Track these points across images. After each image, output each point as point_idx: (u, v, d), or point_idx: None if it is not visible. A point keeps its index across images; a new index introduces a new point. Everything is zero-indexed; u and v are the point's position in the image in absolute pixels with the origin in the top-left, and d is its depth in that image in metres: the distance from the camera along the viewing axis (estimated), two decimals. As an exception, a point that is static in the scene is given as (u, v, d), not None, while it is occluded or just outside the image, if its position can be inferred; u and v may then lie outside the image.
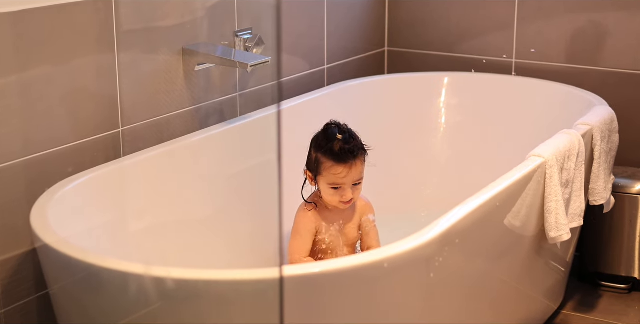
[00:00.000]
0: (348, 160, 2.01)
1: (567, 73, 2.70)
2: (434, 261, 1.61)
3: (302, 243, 2.06)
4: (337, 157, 2.01)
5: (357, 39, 2.84)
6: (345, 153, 2.00)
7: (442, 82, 2.73)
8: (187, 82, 2.22)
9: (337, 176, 2.01)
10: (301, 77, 2.63)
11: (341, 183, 2.01)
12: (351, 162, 2.01)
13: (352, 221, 2.13)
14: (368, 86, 2.70)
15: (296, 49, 2.61)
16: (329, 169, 2.02)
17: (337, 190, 2.03)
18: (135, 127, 2.12)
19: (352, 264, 1.46)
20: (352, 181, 2.02)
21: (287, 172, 2.16)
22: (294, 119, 2.39)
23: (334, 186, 2.02)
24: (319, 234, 2.08)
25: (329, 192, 2.04)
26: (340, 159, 2.00)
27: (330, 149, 2.01)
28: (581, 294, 2.61)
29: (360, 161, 2.04)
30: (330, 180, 2.02)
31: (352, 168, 2.01)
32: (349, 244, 2.14)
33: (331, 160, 2.02)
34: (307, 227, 2.07)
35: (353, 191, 2.04)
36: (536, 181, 2.00)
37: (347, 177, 2.01)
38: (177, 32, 2.17)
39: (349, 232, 2.13)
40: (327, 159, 2.02)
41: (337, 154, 2.00)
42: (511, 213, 1.95)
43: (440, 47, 2.86)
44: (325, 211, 2.09)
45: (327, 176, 2.03)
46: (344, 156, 2.00)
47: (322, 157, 2.03)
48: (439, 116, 2.73)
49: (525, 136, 2.60)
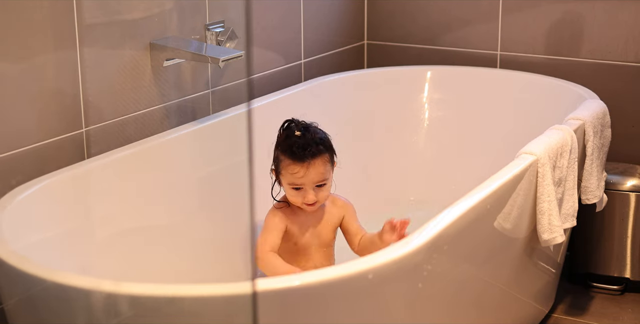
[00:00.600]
0: (304, 159, 1.91)
1: (555, 65, 2.66)
2: (422, 270, 1.50)
3: (268, 237, 1.97)
4: (293, 155, 1.92)
5: (335, 32, 2.77)
6: (301, 151, 1.91)
7: (425, 76, 2.68)
8: (155, 79, 2.13)
9: (294, 175, 1.93)
10: (276, 73, 2.55)
11: (300, 183, 1.93)
12: (309, 161, 1.92)
13: (327, 220, 2.04)
14: (347, 80, 2.64)
15: (270, 42, 2.52)
16: (286, 167, 1.94)
17: (299, 191, 1.94)
18: (100, 128, 2.01)
19: (333, 276, 1.35)
20: (311, 182, 1.93)
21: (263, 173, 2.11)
22: (269, 116, 2.28)
23: (294, 186, 1.94)
24: (290, 236, 2.00)
25: (290, 193, 1.96)
26: (296, 157, 1.92)
27: (288, 147, 1.93)
28: (572, 297, 2.54)
29: (322, 160, 1.94)
30: (288, 180, 1.94)
31: (310, 168, 1.92)
32: (324, 245, 2.05)
33: (288, 158, 1.93)
34: (276, 224, 1.98)
35: (317, 192, 1.94)
36: (528, 181, 1.90)
37: (305, 177, 1.92)
38: (144, 26, 2.08)
39: (323, 233, 2.04)
40: (285, 157, 1.94)
41: (293, 152, 1.92)
42: (501, 215, 1.85)
43: (422, 40, 2.81)
44: (297, 211, 2.01)
45: (286, 175, 1.95)
46: (299, 154, 1.91)
47: (280, 155, 1.95)
48: (422, 111, 2.67)
49: (513, 131, 2.54)
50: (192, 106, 2.25)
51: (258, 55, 2.46)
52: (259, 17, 2.45)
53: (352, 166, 2.44)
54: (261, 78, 2.48)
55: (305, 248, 2.03)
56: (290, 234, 2.01)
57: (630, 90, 2.61)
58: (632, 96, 2.61)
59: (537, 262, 2.16)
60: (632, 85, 2.60)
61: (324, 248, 2.06)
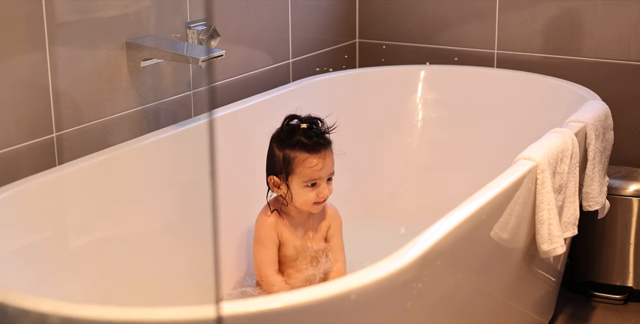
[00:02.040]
0: (321, 149, 1.87)
1: (555, 64, 2.59)
2: (411, 289, 1.39)
3: (267, 255, 1.92)
4: (309, 147, 1.87)
5: (324, 30, 2.69)
6: (317, 141, 1.87)
7: (419, 76, 2.61)
8: (132, 80, 2.03)
9: (313, 169, 1.86)
10: (263, 73, 2.46)
11: (317, 177, 1.87)
12: (324, 151, 1.88)
13: (318, 229, 1.98)
14: (338, 81, 2.56)
15: (257, 41, 2.43)
16: (302, 163, 1.86)
17: (313, 187, 1.88)
18: (72, 132, 1.91)
19: (312, 298, 1.23)
20: (327, 174, 1.89)
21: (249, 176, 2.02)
22: (256, 118, 2.23)
23: (310, 182, 1.87)
24: (280, 246, 1.94)
25: (302, 191, 1.88)
26: (313, 149, 1.86)
27: (298, 141, 1.87)
28: (573, 306, 2.47)
29: (331, 151, 1.91)
30: (305, 176, 1.87)
31: (327, 158, 1.88)
32: (314, 255, 1.98)
33: (304, 152, 1.87)
34: (269, 236, 1.93)
35: (328, 188, 1.91)
36: (526, 188, 1.80)
37: (324, 169, 1.87)
38: (119, 24, 1.98)
39: (314, 241, 1.98)
40: (299, 152, 1.87)
41: (308, 144, 1.86)
42: (498, 224, 1.75)
43: (416, 38, 2.75)
44: (288, 218, 1.95)
45: (302, 171, 1.87)
46: (316, 145, 1.87)
47: (291, 152, 1.88)
48: (415, 112, 2.59)
49: (511, 134, 2.47)
50: (172, 108, 2.16)
51: (244, 54, 2.38)
52: (245, 15, 2.36)
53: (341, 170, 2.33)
54: (247, 78, 2.40)
55: (294, 259, 1.97)
56: (280, 244, 1.95)
57: (632, 90, 2.54)
58: (635, 96, 2.54)
59: (537, 271, 2.07)
60: (634, 85, 2.53)
61: (316, 259, 1.99)
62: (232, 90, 2.34)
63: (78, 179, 1.84)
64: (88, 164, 1.86)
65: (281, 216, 1.94)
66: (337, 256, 2.00)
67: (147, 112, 2.08)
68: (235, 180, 2.15)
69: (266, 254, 1.92)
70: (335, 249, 2.00)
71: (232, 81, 2.35)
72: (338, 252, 2.00)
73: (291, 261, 1.96)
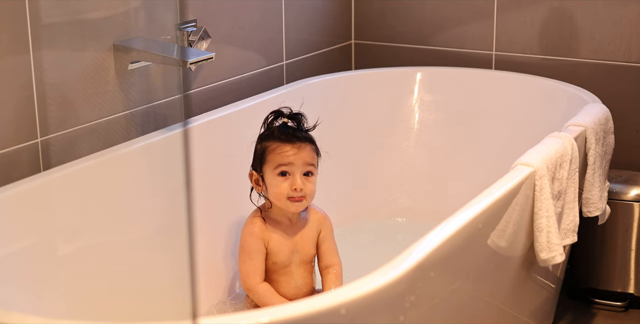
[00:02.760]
0: (295, 140, 1.85)
1: (554, 66, 2.55)
2: (404, 302, 1.33)
3: (252, 265, 1.88)
4: (282, 138, 1.86)
5: (319, 31, 2.64)
6: (293, 133, 1.86)
7: (415, 77, 2.57)
8: (120, 83, 1.98)
9: (283, 155, 1.84)
10: (256, 75, 2.41)
11: (287, 162, 1.83)
12: (299, 143, 1.85)
13: (307, 234, 1.94)
14: (333, 83, 2.52)
15: (250, 42, 2.38)
16: (273, 150, 1.85)
17: (285, 178, 1.84)
18: (57, 137, 1.86)
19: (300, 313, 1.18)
20: (302, 162, 1.84)
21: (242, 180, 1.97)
22: (249, 121, 2.17)
23: (280, 168, 1.84)
24: (269, 254, 1.90)
25: (275, 182, 1.85)
26: (287, 139, 1.85)
27: (273, 132, 1.87)
28: (573, 314, 2.42)
29: (311, 148, 1.88)
30: (275, 162, 1.85)
31: (302, 149, 1.85)
32: (305, 261, 1.94)
33: (276, 141, 1.86)
34: (255, 245, 1.89)
35: (305, 183, 1.85)
36: (524, 195, 1.75)
37: (296, 156, 1.84)
38: (107, 26, 1.93)
39: (304, 247, 1.93)
40: (273, 141, 1.87)
41: (282, 134, 1.86)
42: (495, 232, 1.70)
43: (413, 40, 2.71)
44: (275, 224, 1.91)
45: (273, 158, 1.85)
46: (290, 136, 1.85)
47: (266, 143, 1.88)
48: (412, 115, 2.56)
49: (509, 136, 2.43)
50: (161, 111, 2.11)
51: (236, 56, 2.33)
52: (237, 16, 2.31)
53: (336, 173, 2.32)
54: (240, 80, 2.35)
55: (284, 266, 1.92)
56: (269, 252, 1.90)
57: (633, 92, 2.50)
58: (636, 98, 2.50)
59: (536, 278, 2.02)
60: (635, 87, 2.49)
61: (305, 264, 1.95)
62: (224, 92, 2.30)
63: (64, 185, 1.79)
64: (74, 170, 1.81)
65: (267, 222, 1.91)
66: (332, 260, 1.96)
67: (135, 116, 2.03)
68: (228, 185, 2.11)
69: (251, 264, 1.88)
70: (328, 254, 1.96)
71: (224, 84, 2.31)
72: (332, 256, 1.97)
73: (282, 268, 1.92)
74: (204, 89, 2.24)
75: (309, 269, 1.95)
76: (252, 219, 1.91)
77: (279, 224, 1.91)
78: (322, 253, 1.96)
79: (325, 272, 1.95)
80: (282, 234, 1.90)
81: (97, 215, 1.83)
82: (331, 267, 1.95)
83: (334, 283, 1.94)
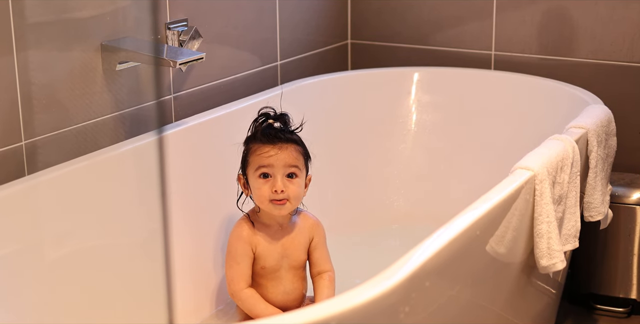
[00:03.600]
0: (277, 141, 1.82)
1: (554, 66, 2.50)
2: (397, 313, 1.28)
3: (238, 270, 1.85)
4: (264, 139, 1.84)
5: (315, 31, 2.60)
6: (273, 134, 1.83)
7: (412, 78, 2.53)
8: (108, 84, 1.93)
9: (263, 155, 1.81)
10: (250, 75, 2.37)
11: (267, 164, 1.80)
12: (280, 144, 1.82)
13: (297, 239, 1.90)
14: (328, 83, 2.48)
15: (243, 42, 2.33)
16: (254, 152, 1.83)
17: (267, 180, 1.81)
18: (43, 140, 1.81)
19: (288, 326, 1.12)
20: (282, 165, 1.80)
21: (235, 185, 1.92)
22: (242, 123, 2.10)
23: (261, 170, 1.81)
24: (257, 258, 1.86)
25: (257, 184, 1.82)
26: (269, 140, 1.83)
27: (255, 134, 1.86)
28: (574, 319, 2.38)
29: (295, 148, 1.84)
30: (256, 163, 1.82)
31: (283, 149, 1.82)
32: (295, 267, 1.90)
33: (258, 142, 1.85)
34: (242, 250, 1.86)
35: (287, 185, 1.80)
36: (524, 199, 1.70)
37: (276, 157, 1.80)
38: (94, 25, 1.89)
39: (293, 253, 1.89)
40: (253, 143, 1.85)
41: (264, 135, 1.84)
42: (494, 238, 1.65)
43: (410, 39, 2.67)
44: (264, 228, 1.87)
45: (254, 160, 1.83)
46: (272, 137, 1.83)
47: (249, 145, 1.87)
48: (409, 116, 2.51)
49: (509, 139, 2.39)
50: (151, 113, 2.05)
51: (229, 56, 2.29)
52: (230, 15, 2.26)
53: (330, 176, 2.28)
54: (233, 81, 2.30)
55: (274, 271, 1.88)
56: (257, 257, 1.87)
57: (636, 93, 2.45)
58: (638, 99, 2.45)
59: (536, 283, 1.97)
60: (638, 87, 2.45)
61: (295, 269, 1.91)
62: (216, 94, 2.25)
63: (49, 189, 1.75)
64: (60, 173, 1.77)
65: (256, 226, 1.87)
66: (324, 267, 1.93)
67: (124, 118, 1.99)
68: (219, 189, 2.06)
69: (237, 268, 1.85)
70: (321, 261, 1.92)
71: (216, 84, 2.26)
72: (324, 263, 1.93)
73: (271, 273, 1.88)
74: (196, 89, 2.20)
75: (300, 274, 1.91)
76: (240, 222, 1.88)
77: (268, 228, 1.87)
78: (314, 260, 1.92)
79: (318, 278, 1.92)
80: (271, 239, 1.87)
81: (84, 220, 1.78)
82: (324, 273, 1.92)
83: (327, 289, 1.90)
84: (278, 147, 1.82)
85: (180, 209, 1.98)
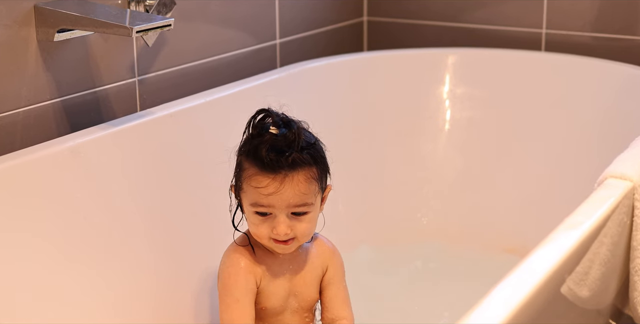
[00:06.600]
0: (278, 169, 1.46)
1: (617, 48, 2.30)
2: None
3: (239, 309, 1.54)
4: (261, 161, 1.48)
5: (323, 5, 2.41)
6: (275, 157, 1.47)
7: (445, 62, 2.34)
8: (45, 61, 1.64)
9: (260, 191, 1.47)
10: (241, 56, 2.13)
11: (266, 204, 1.48)
12: (285, 173, 1.46)
13: (310, 272, 1.60)
14: (339, 67, 2.29)
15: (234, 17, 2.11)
16: (249, 179, 1.50)
17: (266, 218, 1.49)
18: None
19: None
20: (285, 205, 1.47)
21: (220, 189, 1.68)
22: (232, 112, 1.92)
23: (259, 209, 1.49)
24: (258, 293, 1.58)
25: (253, 219, 1.52)
26: (266, 165, 1.48)
27: (254, 149, 1.50)
28: None
29: (306, 175, 1.48)
30: (251, 198, 1.50)
31: (286, 183, 1.46)
32: (304, 308, 1.61)
33: (254, 165, 1.49)
34: (242, 282, 1.55)
35: (294, 223, 1.51)
36: (617, 222, 1.35)
37: (276, 195, 1.46)
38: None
39: (303, 290, 1.59)
40: (249, 163, 1.50)
41: (262, 157, 1.48)
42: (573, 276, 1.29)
43: (441, 15, 2.52)
44: (267, 256, 1.57)
45: (248, 191, 1.50)
46: (272, 163, 1.47)
47: (244, 161, 1.52)
48: (441, 109, 2.34)
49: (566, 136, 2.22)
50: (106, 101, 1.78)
51: (214, 32, 2.05)
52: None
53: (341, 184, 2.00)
54: (217, 63, 2.06)
55: (276, 314, 1.61)
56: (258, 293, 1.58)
57: None
58: None
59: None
60: None
61: (304, 311, 1.63)
62: (194, 78, 1.99)
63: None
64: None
65: (257, 253, 1.56)
66: (340, 312, 1.61)
67: (68, 106, 1.70)
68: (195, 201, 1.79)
69: (237, 308, 1.54)
70: (335, 302, 1.61)
71: (194, 66, 1.99)
72: (340, 305, 1.61)
73: (273, 316, 1.58)
74: (168, 72, 1.93)
75: (309, 317, 1.62)
76: (237, 248, 1.56)
77: (272, 256, 1.57)
78: (327, 301, 1.61)
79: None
80: (277, 270, 1.57)
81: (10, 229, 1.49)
82: (340, 321, 1.61)
83: None
84: (280, 180, 1.47)
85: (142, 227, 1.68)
